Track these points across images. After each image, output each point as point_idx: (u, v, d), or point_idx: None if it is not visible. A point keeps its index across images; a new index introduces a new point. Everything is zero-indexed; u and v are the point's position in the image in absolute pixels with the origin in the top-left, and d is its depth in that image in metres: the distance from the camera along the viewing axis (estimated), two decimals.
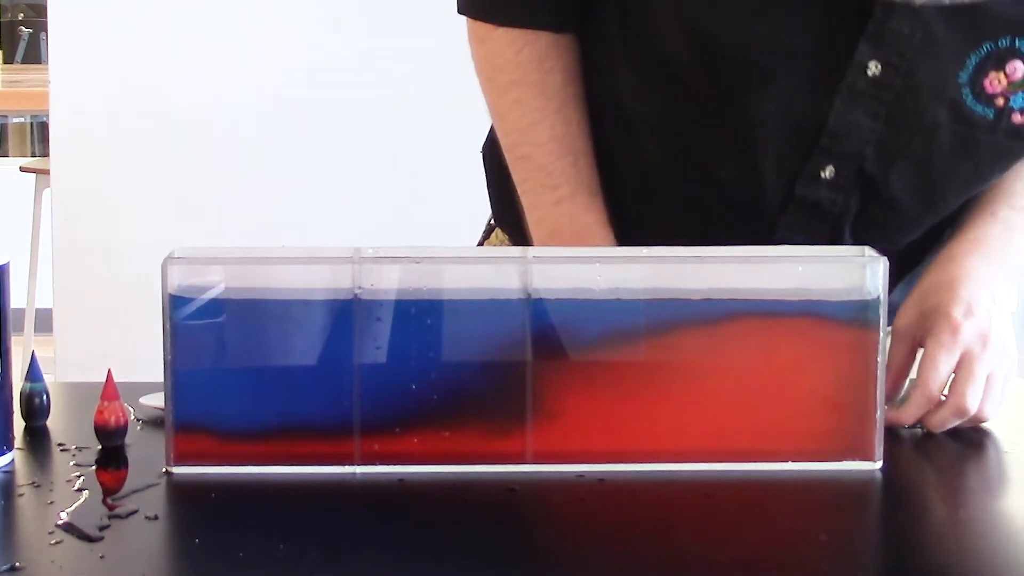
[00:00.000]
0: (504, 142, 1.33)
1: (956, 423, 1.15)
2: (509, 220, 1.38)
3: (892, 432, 1.14)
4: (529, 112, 1.31)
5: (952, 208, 1.29)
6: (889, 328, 1.17)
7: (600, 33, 1.31)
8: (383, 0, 2.70)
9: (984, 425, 1.17)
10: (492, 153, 1.40)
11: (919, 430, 1.16)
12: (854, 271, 1.07)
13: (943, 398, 1.15)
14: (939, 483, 1.07)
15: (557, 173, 1.30)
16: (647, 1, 1.26)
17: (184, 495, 1.03)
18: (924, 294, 1.21)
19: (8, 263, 1.06)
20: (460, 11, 1.34)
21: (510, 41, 1.31)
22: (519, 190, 1.33)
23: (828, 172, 1.24)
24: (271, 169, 2.74)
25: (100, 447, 1.10)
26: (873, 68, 1.20)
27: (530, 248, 1.07)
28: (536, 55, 1.30)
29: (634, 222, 1.32)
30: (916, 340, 1.19)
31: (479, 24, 1.32)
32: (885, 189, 1.25)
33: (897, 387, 1.18)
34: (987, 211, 1.28)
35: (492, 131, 1.39)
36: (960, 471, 1.09)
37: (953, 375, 1.15)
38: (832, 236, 1.27)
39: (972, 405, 1.14)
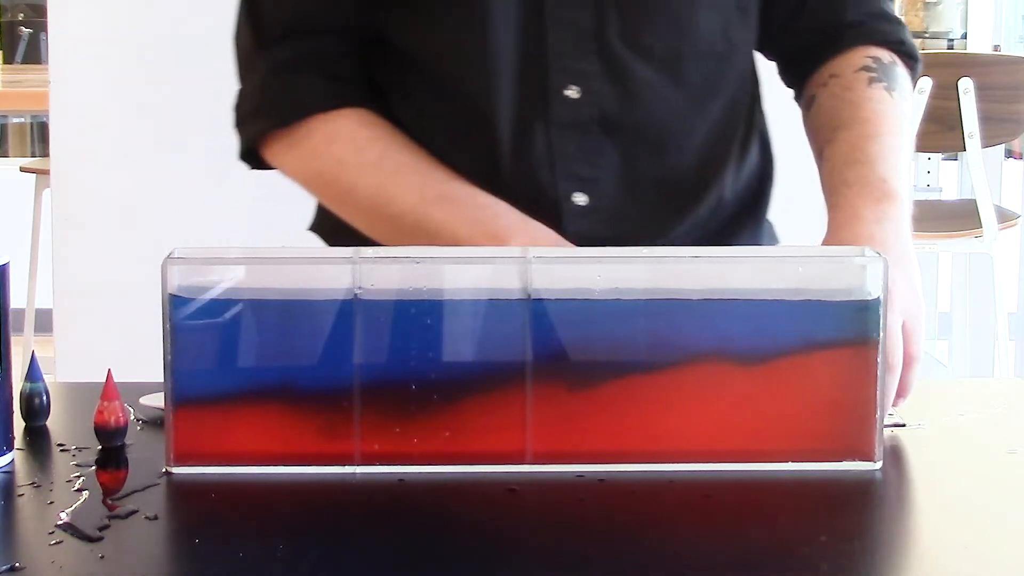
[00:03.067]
0: (403, 208, 1.30)
1: (894, 383, 1.14)
2: None
3: (892, 432, 1.14)
4: (419, 162, 1.32)
5: None
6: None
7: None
8: None
9: (984, 425, 1.18)
10: (324, 223, 1.42)
11: (901, 422, 1.17)
12: (854, 271, 1.07)
13: None
14: (939, 483, 1.07)
15: (479, 193, 1.30)
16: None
17: (184, 495, 1.03)
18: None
19: (8, 263, 1.06)
20: (271, 129, 1.36)
21: (360, 120, 1.33)
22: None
23: None
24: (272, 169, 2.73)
25: (100, 447, 1.10)
26: None
27: (530, 248, 1.07)
28: (386, 126, 1.34)
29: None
30: None
31: (309, 126, 1.33)
32: None
33: None
34: (856, 160, 1.30)
35: (318, 210, 1.42)
36: (960, 471, 1.09)
37: None
38: (601, 49, 1.31)
39: (895, 359, 1.14)
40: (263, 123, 1.38)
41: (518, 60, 1.32)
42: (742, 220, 1.42)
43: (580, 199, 1.33)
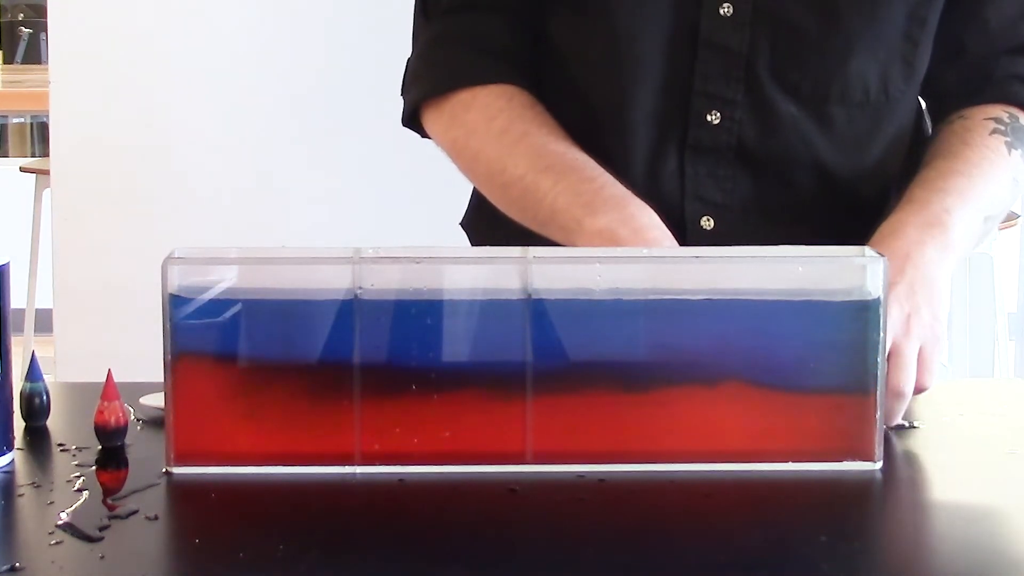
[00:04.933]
0: (513, 176, 1.31)
1: (901, 408, 1.15)
2: None
3: (892, 432, 1.14)
4: (542, 134, 1.32)
5: (858, 33, 1.31)
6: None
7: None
8: None
9: (984, 425, 1.18)
10: (478, 218, 1.42)
11: (906, 424, 1.16)
12: (854, 271, 1.07)
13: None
14: (939, 483, 1.07)
15: (590, 166, 1.29)
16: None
17: (184, 495, 1.03)
18: None
19: (8, 263, 1.06)
20: (424, 98, 1.38)
21: (501, 93, 1.34)
22: (549, 216, 1.29)
23: (726, 9, 1.29)
24: (271, 169, 2.74)
25: (100, 447, 1.10)
26: None
27: (530, 248, 1.07)
28: (526, 101, 1.34)
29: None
30: None
31: (457, 97, 1.35)
32: (783, 15, 1.29)
33: None
34: (932, 185, 1.28)
35: (474, 197, 1.41)
36: (960, 471, 1.09)
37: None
38: (748, 78, 1.30)
39: (907, 387, 1.14)
40: (417, 91, 1.40)
41: (663, 77, 1.32)
42: None
43: (707, 223, 1.33)
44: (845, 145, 1.35)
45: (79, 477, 1.05)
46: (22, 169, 3.97)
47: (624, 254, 1.10)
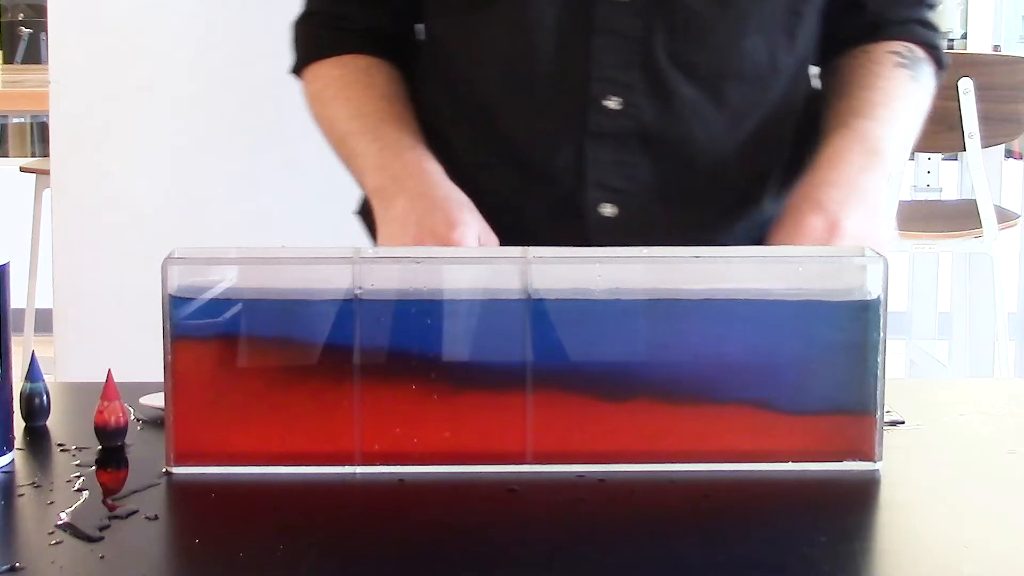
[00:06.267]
0: (331, 131, 1.40)
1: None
2: None
3: (892, 432, 1.14)
4: (354, 92, 1.39)
5: (749, 10, 1.34)
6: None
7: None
8: None
9: (984, 425, 1.18)
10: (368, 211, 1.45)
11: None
12: (854, 271, 1.07)
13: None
14: (939, 483, 1.07)
15: (388, 123, 1.36)
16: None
17: (184, 495, 1.03)
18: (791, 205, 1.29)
19: (8, 263, 1.06)
20: (295, 71, 1.47)
21: (335, 64, 1.42)
22: (350, 166, 1.38)
23: None
24: (271, 169, 2.74)
25: (100, 447, 1.10)
26: None
27: (530, 248, 1.07)
28: (360, 66, 1.41)
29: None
30: None
31: (310, 69, 1.44)
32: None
33: None
34: (861, 112, 1.34)
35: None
36: (960, 471, 1.09)
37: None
38: (646, 62, 1.31)
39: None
40: (313, 50, 1.47)
41: (559, 66, 1.33)
42: None
43: (608, 210, 1.34)
44: (739, 120, 1.37)
45: (79, 477, 1.05)
46: (22, 169, 3.97)
47: (624, 254, 1.10)
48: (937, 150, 3.76)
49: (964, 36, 4.99)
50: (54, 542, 0.93)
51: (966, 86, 3.33)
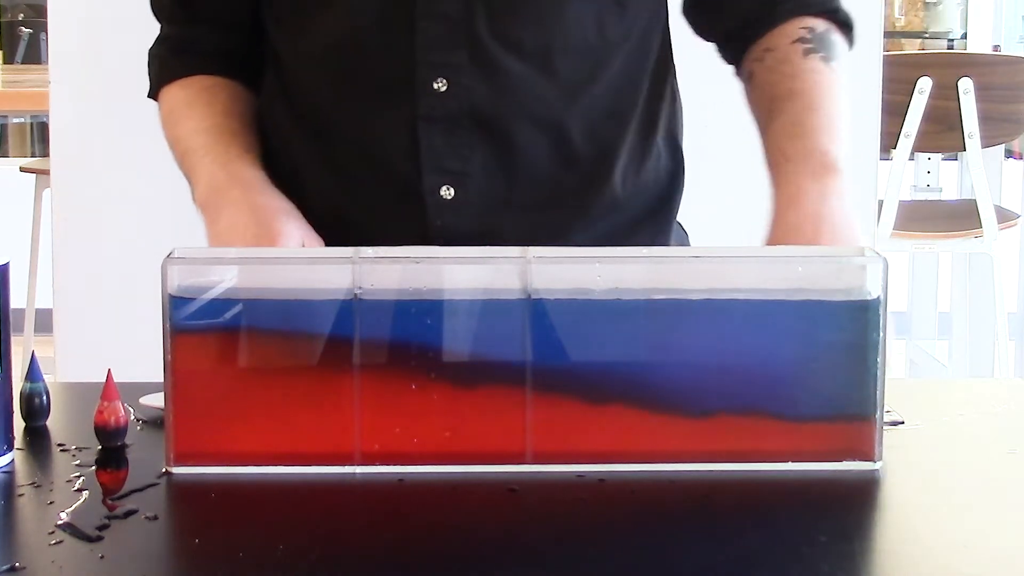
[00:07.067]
0: (175, 150, 1.45)
1: None
2: None
3: (892, 432, 1.14)
4: (196, 111, 1.42)
5: None
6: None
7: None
8: None
9: (984, 425, 1.18)
10: None
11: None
12: (854, 271, 1.07)
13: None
14: (939, 483, 1.07)
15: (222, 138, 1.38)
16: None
17: (184, 495, 1.03)
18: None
19: (8, 263, 1.06)
20: (151, 95, 1.49)
21: (182, 86, 1.44)
22: (189, 182, 1.42)
23: None
24: None
25: (100, 447, 1.10)
26: None
27: (530, 248, 1.07)
28: (205, 85, 1.43)
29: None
30: None
31: (162, 92, 1.46)
32: None
33: None
34: (794, 131, 1.30)
35: None
36: (960, 471, 1.09)
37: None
38: (469, 42, 1.31)
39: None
40: (164, 75, 1.49)
41: (384, 53, 1.33)
42: (643, 223, 1.41)
43: (447, 193, 1.34)
44: (573, 94, 1.36)
45: (79, 477, 1.05)
46: (22, 169, 3.97)
47: (624, 254, 1.10)
48: (937, 150, 3.77)
49: (964, 36, 4.99)
50: (54, 542, 0.93)
51: (966, 86, 3.33)
